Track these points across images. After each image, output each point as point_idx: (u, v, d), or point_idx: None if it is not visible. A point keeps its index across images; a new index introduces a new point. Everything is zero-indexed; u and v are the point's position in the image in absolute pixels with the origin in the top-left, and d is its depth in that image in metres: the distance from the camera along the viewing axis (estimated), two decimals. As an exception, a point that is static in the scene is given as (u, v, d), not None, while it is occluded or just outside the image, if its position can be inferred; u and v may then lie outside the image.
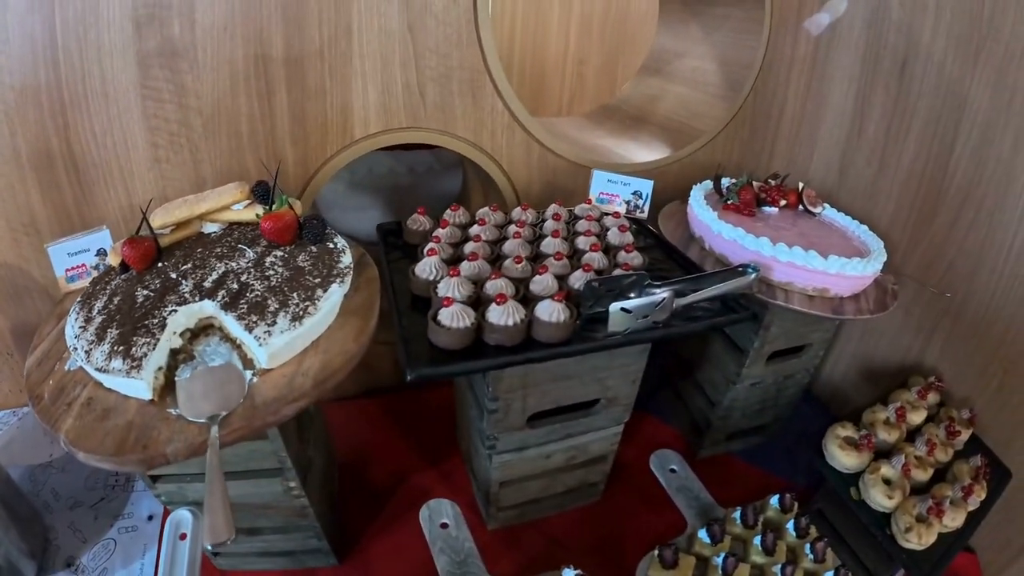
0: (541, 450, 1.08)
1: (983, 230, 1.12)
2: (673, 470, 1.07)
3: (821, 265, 1.02)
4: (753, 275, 0.94)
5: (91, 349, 0.76)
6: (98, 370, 0.74)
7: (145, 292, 0.83)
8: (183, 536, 0.90)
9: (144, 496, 1.23)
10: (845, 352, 1.49)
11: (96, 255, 0.98)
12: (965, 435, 1.16)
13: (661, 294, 0.88)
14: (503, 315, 0.81)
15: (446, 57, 1.16)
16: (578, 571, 0.83)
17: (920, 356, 1.30)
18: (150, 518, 1.20)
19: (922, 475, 1.06)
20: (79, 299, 0.88)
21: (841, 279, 1.05)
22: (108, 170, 1.11)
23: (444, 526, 0.92)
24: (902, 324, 1.33)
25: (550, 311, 0.83)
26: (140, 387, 0.73)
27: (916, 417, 1.17)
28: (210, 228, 1.00)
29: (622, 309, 0.86)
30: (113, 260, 0.91)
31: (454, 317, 0.82)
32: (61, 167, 1.10)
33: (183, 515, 0.92)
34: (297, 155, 1.16)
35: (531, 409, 0.99)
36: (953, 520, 1.00)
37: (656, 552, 0.88)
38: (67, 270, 0.98)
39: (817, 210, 1.31)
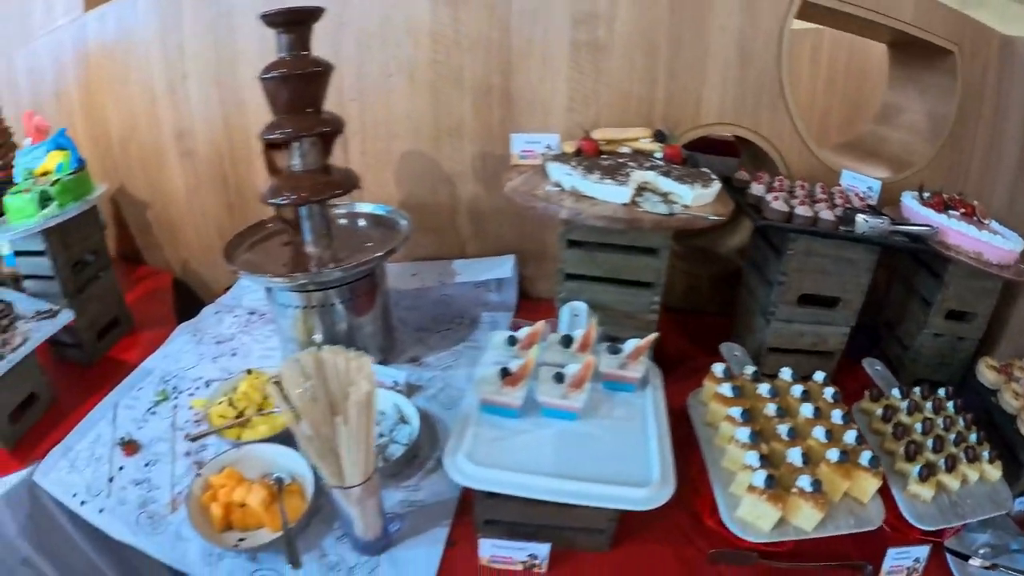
0: (799, 327, 1.68)
1: None
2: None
3: (976, 234, 1.60)
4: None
5: (584, 176, 1.48)
6: (594, 184, 1.46)
7: (605, 164, 1.56)
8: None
9: (489, 331, 1.81)
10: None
11: (544, 147, 1.71)
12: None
13: (885, 219, 1.56)
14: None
15: (765, 85, 1.88)
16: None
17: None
18: None
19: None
20: (553, 159, 1.62)
21: (991, 248, 1.61)
22: (533, 106, 1.87)
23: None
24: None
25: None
26: (624, 193, 1.43)
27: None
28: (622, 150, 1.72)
29: (865, 220, 1.54)
30: (568, 148, 1.66)
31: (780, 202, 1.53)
32: (495, 97, 1.90)
33: (580, 305, 1.52)
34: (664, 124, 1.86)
35: (803, 290, 1.62)
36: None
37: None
38: (522, 151, 1.72)
39: (985, 221, 1.83)
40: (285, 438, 1.40)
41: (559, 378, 1.23)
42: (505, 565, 1.17)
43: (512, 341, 1.38)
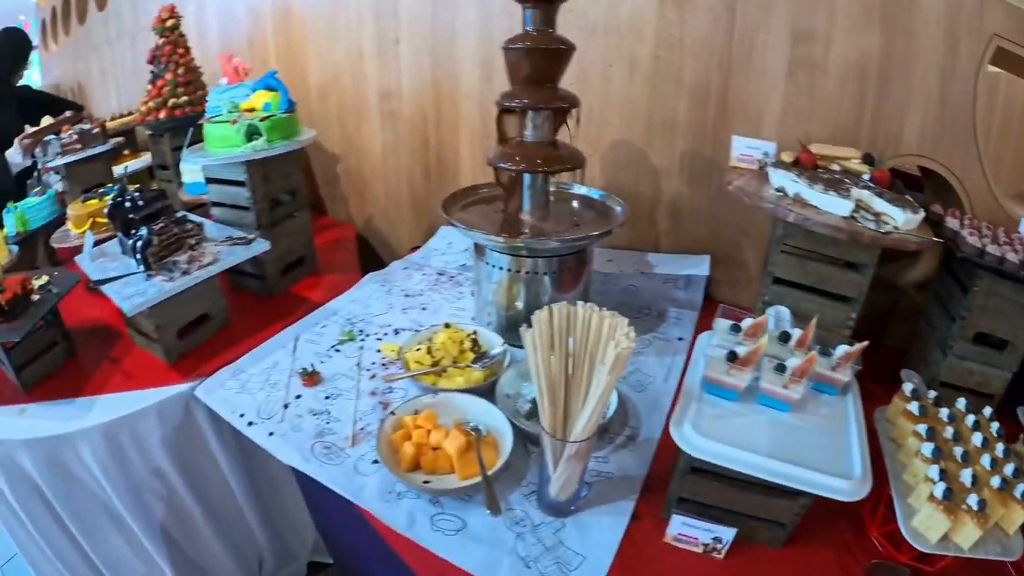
0: (969, 365, 1.69)
1: None
2: None
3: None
4: None
5: (809, 185, 1.59)
6: (818, 194, 1.57)
7: (825, 177, 1.65)
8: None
9: (674, 326, 1.97)
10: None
11: (762, 154, 1.82)
12: None
13: None
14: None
15: (960, 125, 1.89)
16: None
17: None
18: (680, 339, 1.90)
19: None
20: (775, 166, 1.71)
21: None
22: (747, 113, 1.98)
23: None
24: None
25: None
26: (846, 206, 1.53)
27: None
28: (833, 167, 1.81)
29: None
30: (786, 158, 1.76)
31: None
32: (712, 99, 2.01)
33: (784, 310, 1.61)
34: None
35: (979, 328, 1.65)
36: None
37: None
38: (741, 154, 1.83)
39: None
40: (480, 391, 1.55)
41: (780, 369, 1.32)
42: (688, 545, 1.27)
43: (736, 329, 1.48)
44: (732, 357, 1.32)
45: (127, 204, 2.05)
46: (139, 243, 1.89)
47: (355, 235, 2.84)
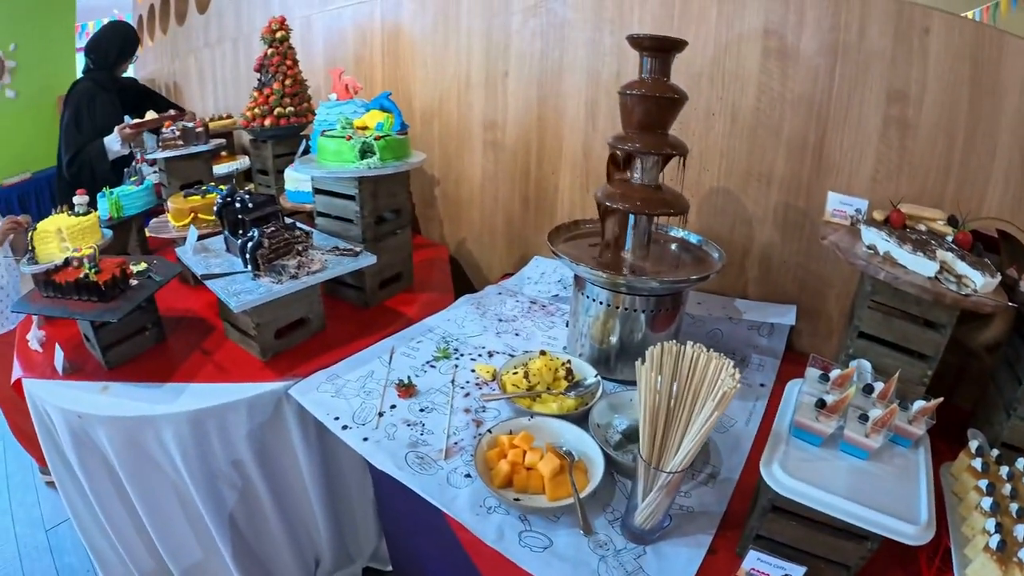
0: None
1: None
2: None
3: None
4: None
5: (899, 245, 1.75)
6: (907, 254, 1.73)
7: (912, 237, 1.84)
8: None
9: (757, 372, 2.09)
10: None
11: (854, 210, 1.99)
12: None
13: None
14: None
15: None
16: None
17: None
18: (761, 385, 2.00)
19: None
20: (867, 223, 1.87)
21: None
22: (840, 169, 2.15)
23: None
24: None
25: None
26: (932, 267, 1.71)
27: None
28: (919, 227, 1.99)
29: None
30: (877, 216, 1.94)
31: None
32: (808, 153, 2.18)
33: (865, 364, 1.77)
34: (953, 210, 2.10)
35: None
36: None
37: None
38: (835, 210, 2.00)
39: None
40: (573, 419, 1.70)
41: (864, 419, 1.49)
42: (758, 581, 1.37)
43: (824, 378, 1.65)
44: (821, 405, 1.47)
45: (237, 204, 2.23)
46: (250, 244, 2.06)
47: (448, 256, 3.08)
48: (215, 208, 2.32)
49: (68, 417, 1.92)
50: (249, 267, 2.07)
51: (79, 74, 4.18)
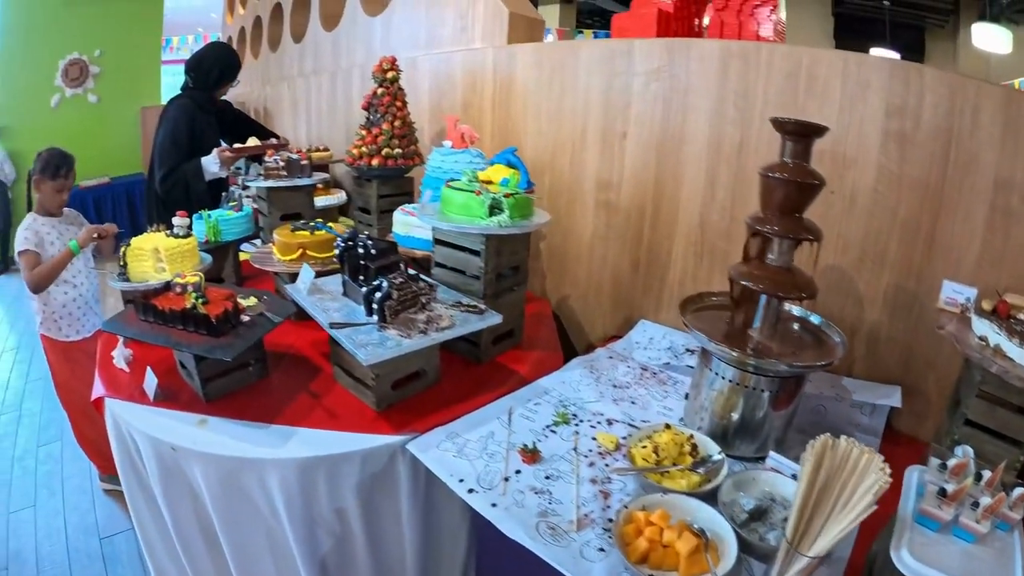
0: None
1: None
2: None
3: None
4: None
5: (1008, 339, 1.89)
6: (1015, 348, 1.86)
7: (1019, 331, 1.91)
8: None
9: None
10: None
11: (965, 299, 2.14)
12: None
13: None
14: None
15: None
16: None
17: None
18: None
19: None
20: (978, 314, 2.00)
21: None
22: (949, 253, 2.21)
23: None
24: None
25: None
26: None
27: None
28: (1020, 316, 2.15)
29: None
30: (985, 305, 2.07)
31: None
32: (920, 236, 2.27)
33: (968, 449, 1.90)
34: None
35: None
36: None
37: None
38: (947, 298, 2.14)
39: None
40: (700, 496, 1.77)
41: (975, 505, 1.62)
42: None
43: (943, 467, 1.77)
44: (943, 493, 1.62)
45: (360, 250, 2.32)
46: (378, 294, 2.13)
47: (551, 312, 3.26)
48: (336, 251, 2.42)
49: (159, 447, 1.99)
50: (375, 317, 2.15)
51: (162, 87, 4.35)
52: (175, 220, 2.85)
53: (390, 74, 3.59)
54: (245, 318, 2.24)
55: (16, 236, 3.42)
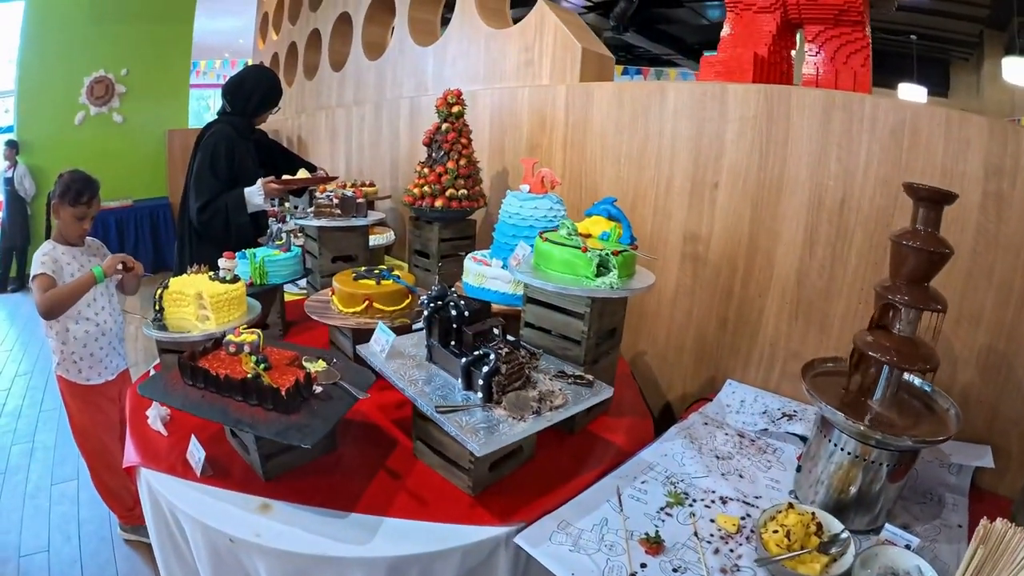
0: None
1: None
2: None
3: None
4: None
5: None
6: None
7: None
8: None
9: (952, 512, 1.94)
10: None
11: None
12: None
13: None
14: None
15: None
16: None
17: None
18: (959, 526, 2.02)
19: None
20: None
21: None
22: None
23: None
24: None
25: None
26: None
27: None
28: None
29: None
30: None
31: None
32: (1015, 296, 2.21)
33: None
34: None
35: None
36: None
37: None
38: None
39: None
40: None
41: None
42: None
43: None
44: None
45: (453, 312, 2.14)
46: (485, 369, 1.95)
47: (628, 371, 3.15)
48: (424, 313, 2.21)
49: (212, 536, 1.79)
50: (479, 395, 1.96)
51: (190, 110, 4.31)
52: (222, 262, 2.69)
53: (455, 108, 3.51)
54: (317, 388, 2.01)
55: (32, 260, 3.19)
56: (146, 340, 3.30)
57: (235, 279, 2.62)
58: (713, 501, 2.11)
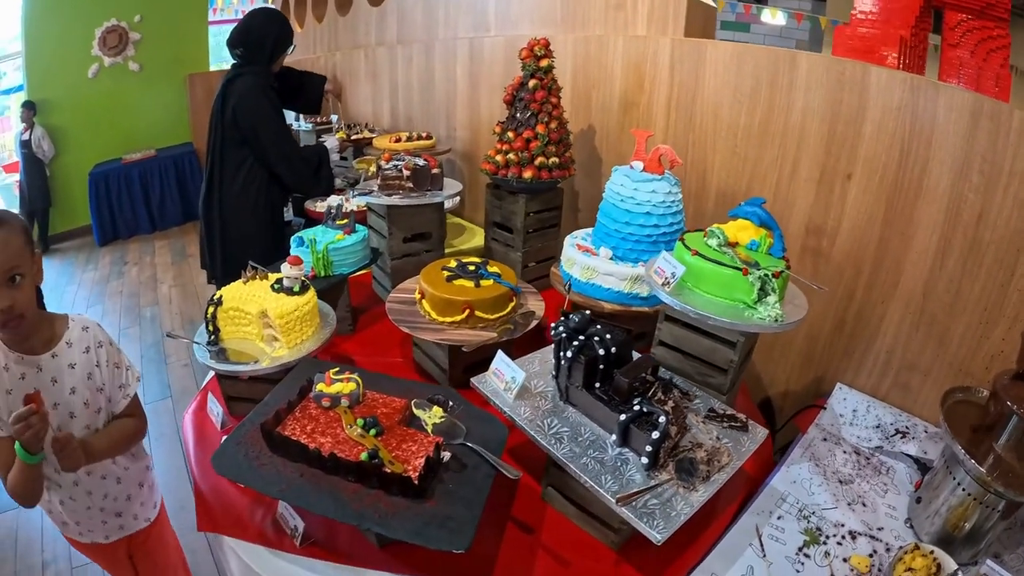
0: None
1: None
2: None
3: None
4: None
5: None
6: None
7: None
8: None
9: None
10: None
11: None
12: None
13: None
14: None
15: None
16: None
17: None
18: None
19: None
20: None
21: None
22: None
23: None
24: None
25: None
26: None
27: None
28: None
29: None
30: None
31: None
32: None
33: None
34: None
35: None
36: None
37: None
38: None
39: None
40: None
41: None
42: None
43: None
44: None
45: (600, 351, 2.09)
46: (655, 434, 1.91)
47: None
48: (564, 355, 2.14)
49: None
50: (644, 460, 1.95)
51: (210, 51, 4.54)
52: (286, 269, 2.63)
53: (544, 62, 3.45)
54: (445, 455, 1.90)
55: None
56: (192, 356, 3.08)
57: (304, 287, 2.53)
58: (844, 536, 2.30)
